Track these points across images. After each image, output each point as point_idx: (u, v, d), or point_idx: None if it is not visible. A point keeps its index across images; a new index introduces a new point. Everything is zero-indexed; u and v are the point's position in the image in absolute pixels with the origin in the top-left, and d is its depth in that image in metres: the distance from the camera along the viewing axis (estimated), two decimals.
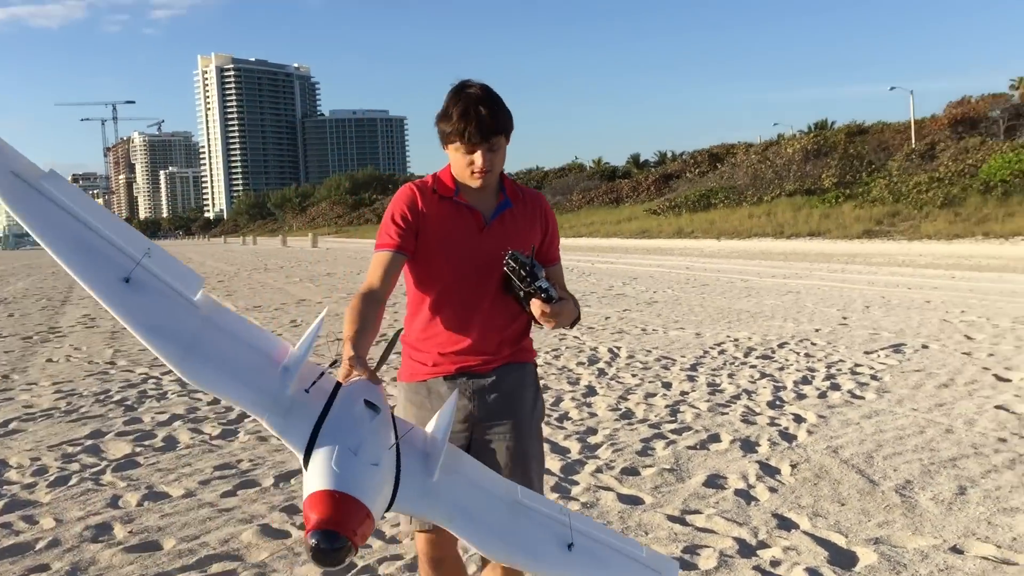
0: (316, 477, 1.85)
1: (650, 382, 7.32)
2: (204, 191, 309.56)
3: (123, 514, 4.37)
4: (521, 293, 2.56)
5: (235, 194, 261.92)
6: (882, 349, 8.50)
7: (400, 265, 2.63)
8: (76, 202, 2.07)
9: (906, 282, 15.73)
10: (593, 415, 6.27)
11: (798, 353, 8.48)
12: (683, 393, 6.86)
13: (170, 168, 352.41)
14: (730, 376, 7.46)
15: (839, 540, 3.82)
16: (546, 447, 4.03)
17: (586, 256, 28.80)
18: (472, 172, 2.63)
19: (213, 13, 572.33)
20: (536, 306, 2.52)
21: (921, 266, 19.07)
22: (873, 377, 7.20)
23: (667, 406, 6.43)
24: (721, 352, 8.70)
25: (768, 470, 4.83)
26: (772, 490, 4.50)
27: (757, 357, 8.35)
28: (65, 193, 2.06)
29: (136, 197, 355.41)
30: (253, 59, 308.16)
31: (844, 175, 41.03)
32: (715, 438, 5.53)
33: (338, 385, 2.10)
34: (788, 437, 5.50)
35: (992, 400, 6.24)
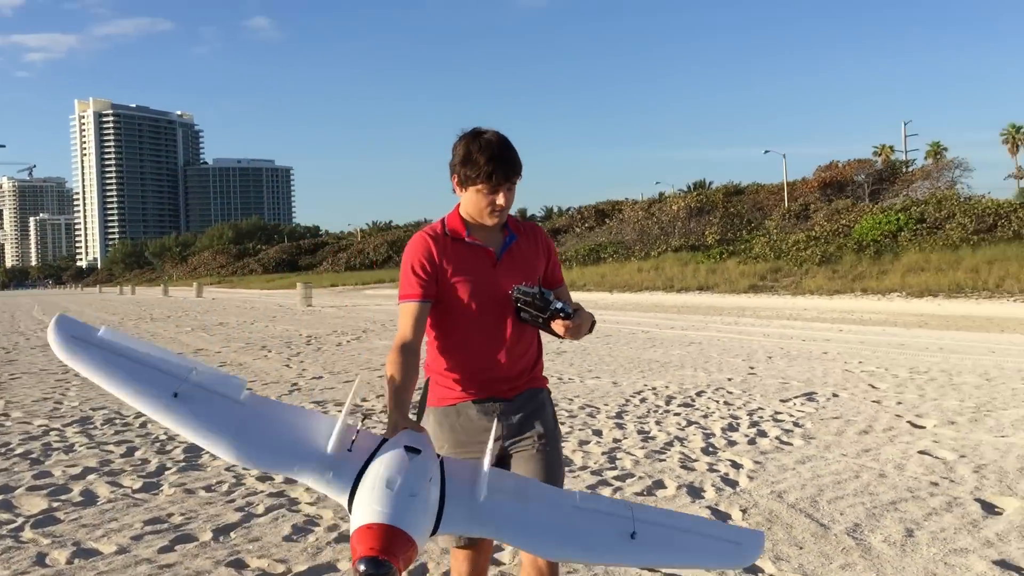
0: (359, 514, 2.08)
1: (580, 430, 7.30)
2: (77, 239, 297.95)
3: (54, 572, 4.05)
4: (540, 320, 2.77)
5: (111, 242, 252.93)
6: (795, 397, 8.73)
7: (427, 313, 2.84)
8: (127, 344, 2.48)
9: (798, 334, 16.30)
10: None
11: (717, 401, 8.63)
12: (616, 440, 6.87)
13: (41, 214, 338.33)
14: (657, 423, 7.51)
15: None
16: None
17: None
18: (492, 211, 2.85)
19: (93, 58, 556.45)
20: (559, 325, 2.74)
21: (808, 319, 19.82)
22: (796, 424, 7.37)
23: (603, 453, 6.41)
24: (643, 400, 8.78)
25: (720, 515, 4.85)
26: None
27: (679, 405, 8.45)
28: (118, 340, 2.48)
29: (2, 244, 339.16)
30: (134, 105, 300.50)
31: (726, 232, 42.61)
32: (660, 484, 5.53)
33: (383, 440, 2.36)
34: (731, 483, 5.55)
35: (913, 446, 6.46)
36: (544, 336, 3.05)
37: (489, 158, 2.78)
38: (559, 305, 2.76)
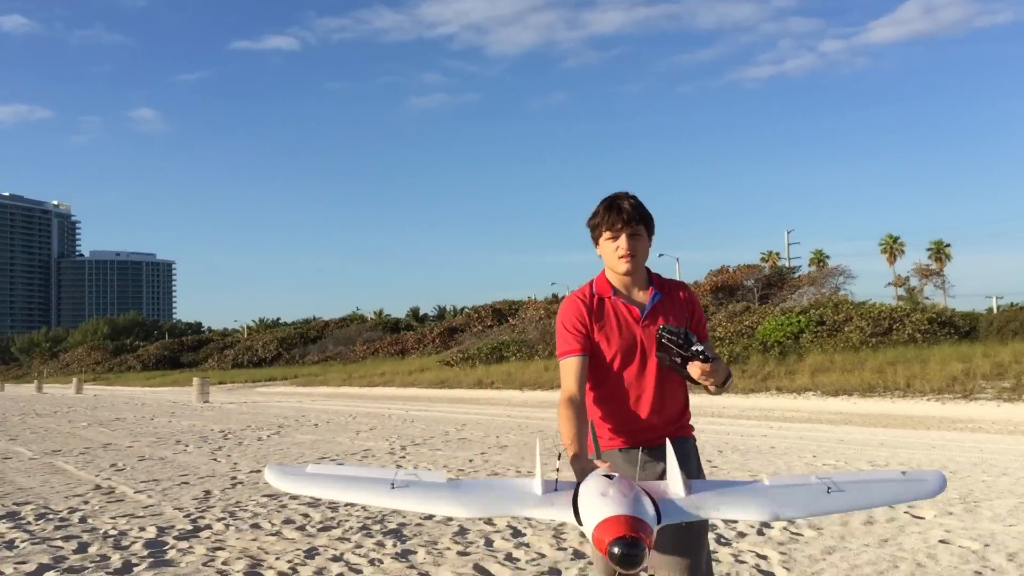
0: (596, 514, 2.33)
1: None
2: None
3: None
4: (679, 359, 2.88)
5: None
6: None
7: (586, 366, 3.03)
8: (337, 469, 3.00)
9: (734, 431, 16.26)
10: (541, 554, 5.78)
11: None
12: None
13: None
14: None
15: None
16: None
17: (389, 404, 28.05)
18: (619, 256, 3.05)
19: None
20: (696, 367, 2.85)
21: (732, 416, 19.91)
22: None
23: None
24: None
25: None
26: None
27: None
28: (328, 469, 2.99)
29: None
30: (7, 193, 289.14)
31: None
32: None
33: (579, 483, 2.60)
34: (768, 573, 5.24)
35: (928, 535, 6.28)
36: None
37: (607, 207, 3.08)
38: (700, 347, 2.88)
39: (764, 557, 5.69)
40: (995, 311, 36.43)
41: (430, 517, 7.27)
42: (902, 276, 69.41)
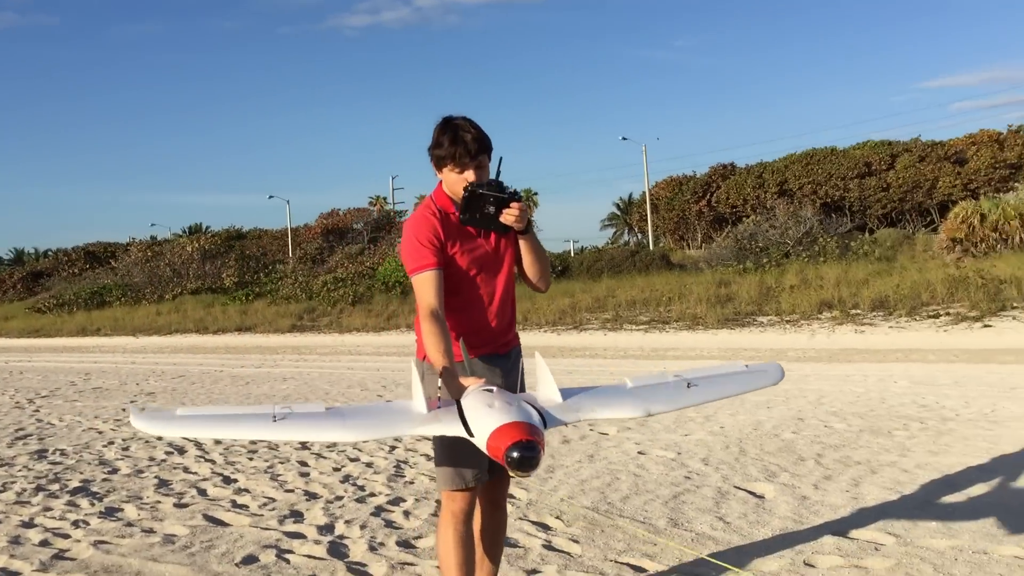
0: (487, 424, 2.43)
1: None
2: None
3: None
4: (493, 209, 3.03)
5: None
6: None
7: (442, 279, 3.09)
8: (210, 409, 2.93)
9: (370, 366, 16.58)
10: (270, 498, 5.55)
11: None
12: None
13: None
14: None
15: None
16: None
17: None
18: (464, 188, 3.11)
19: None
20: (514, 209, 3.04)
21: (369, 354, 20.26)
22: None
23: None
24: None
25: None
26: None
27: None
28: (200, 410, 2.91)
29: None
30: None
31: (243, 275, 41.85)
32: None
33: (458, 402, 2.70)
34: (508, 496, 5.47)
35: (624, 448, 6.94)
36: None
37: (452, 141, 3.09)
38: (513, 188, 3.06)
39: None
40: (572, 254, 40.47)
41: (209, 461, 6.63)
42: None
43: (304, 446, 7.29)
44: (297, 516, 5.27)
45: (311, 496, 5.76)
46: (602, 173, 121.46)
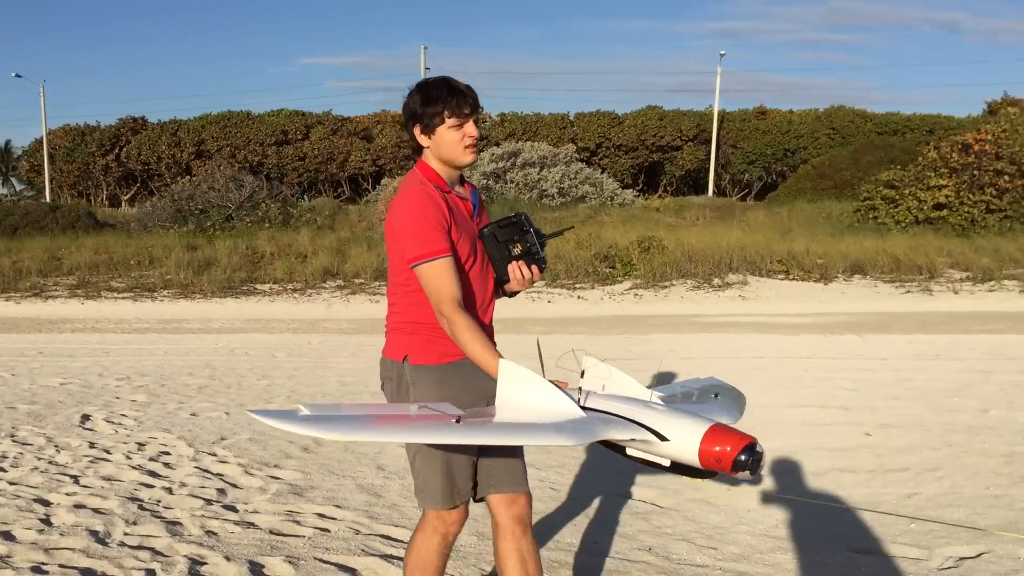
0: (690, 421, 2.36)
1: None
2: None
3: None
4: (534, 250, 2.81)
5: None
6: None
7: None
8: (348, 409, 2.59)
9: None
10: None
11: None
12: None
13: None
14: None
15: None
16: None
17: None
18: (467, 145, 2.77)
19: None
20: (535, 273, 2.85)
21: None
22: None
23: None
24: None
25: None
26: None
27: None
28: (332, 409, 2.58)
29: None
30: None
31: None
32: None
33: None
34: None
35: None
36: None
37: (450, 91, 2.76)
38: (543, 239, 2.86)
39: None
40: None
41: None
42: None
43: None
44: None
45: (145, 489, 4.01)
46: None
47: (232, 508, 4.87)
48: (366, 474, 5.48)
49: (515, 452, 2.92)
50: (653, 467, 2.55)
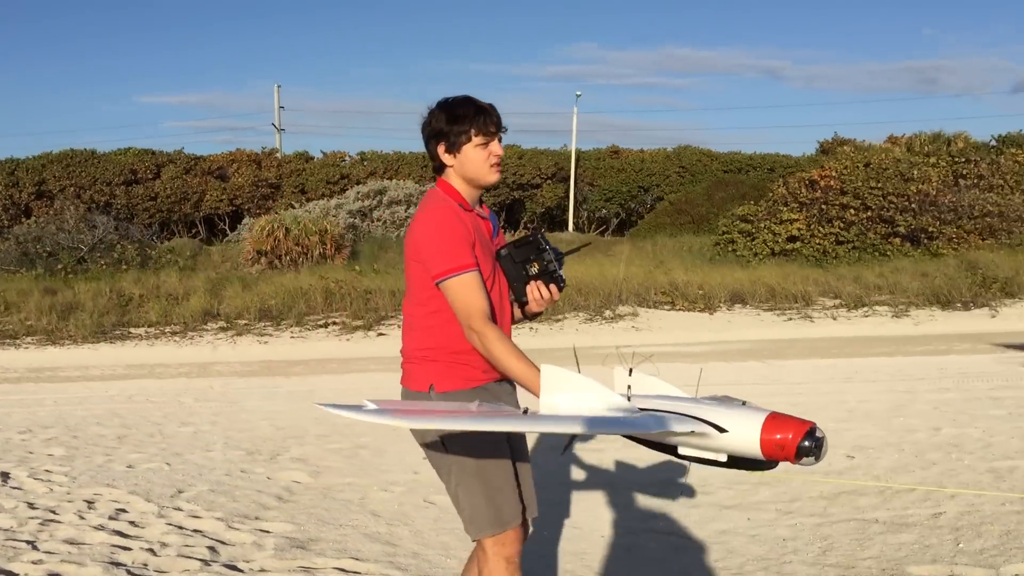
0: (744, 412, 2.35)
1: None
2: None
3: None
4: (551, 268, 2.76)
5: None
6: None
7: None
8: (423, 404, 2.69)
9: None
10: None
11: None
12: None
13: None
14: None
15: None
16: None
17: None
18: (493, 164, 2.75)
19: None
20: (555, 292, 2.79)
21: None
22: None
23: None
24: None
25: None
26: None
27: None
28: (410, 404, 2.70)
29: None
30: None
31: None
32: None
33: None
34: None
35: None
36: None
37: (477, 110, 2.73)
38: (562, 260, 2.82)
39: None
40: None
41: None
42: None
43: None
44: None
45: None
46: None
47: (234, 567, 4.46)
48: (365, 522, 5.14)
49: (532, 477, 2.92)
50: (708, 464, 2.50)
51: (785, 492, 5.38)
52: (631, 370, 2.70)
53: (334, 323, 16.54)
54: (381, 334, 15.78)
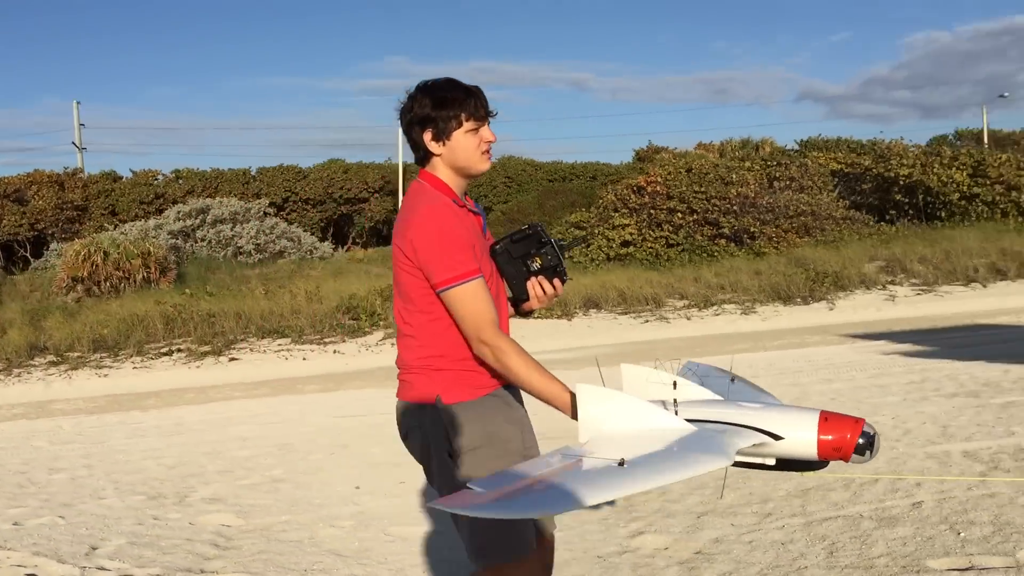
0: (795, 414, 2.45)
1: None
2: None
3: None
4: (554, 262, 2.64)
5: None
6: None
7: None
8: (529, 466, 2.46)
9: None
10: None
11: None
12: None
13: None
14: None
15: None
16: None
17: None
18: (485, 151, 2.57)
19: None
20: (558, 287, 2.70)
21: None
22: None
23: None
24: None
25: None
26: None
27: None
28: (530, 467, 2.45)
29: None
30: None
31: None
32: None
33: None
34: None
35: None
36: None
37: (466, 92, 2.54)
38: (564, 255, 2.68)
39: None
40: None
41: None
42: None
43: None
44: None
45: None
46: None
47: None
48: (334, 565, 4.68)
49: None
50: (754, 468, 2.43)
51: (751, 494, 5.32)
52: (675, 383, 2.59)
53: (179, 350, 15.44)
54: (234, 359, 14.87)
